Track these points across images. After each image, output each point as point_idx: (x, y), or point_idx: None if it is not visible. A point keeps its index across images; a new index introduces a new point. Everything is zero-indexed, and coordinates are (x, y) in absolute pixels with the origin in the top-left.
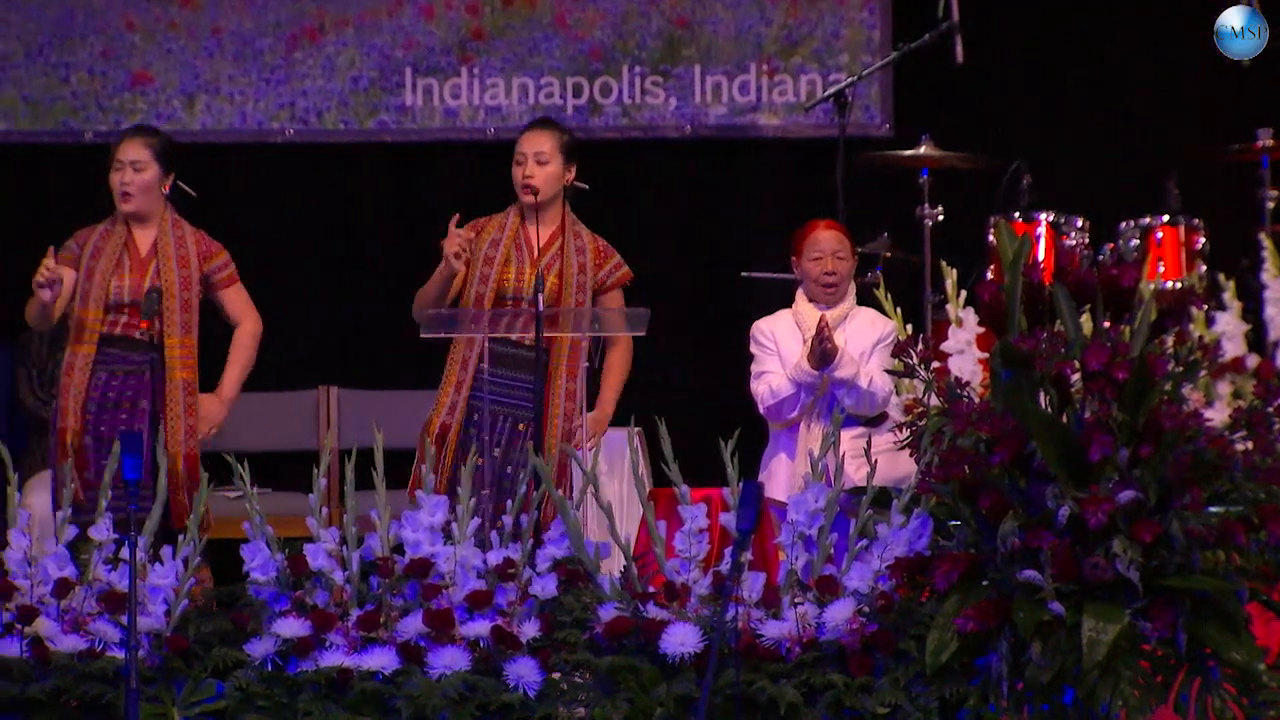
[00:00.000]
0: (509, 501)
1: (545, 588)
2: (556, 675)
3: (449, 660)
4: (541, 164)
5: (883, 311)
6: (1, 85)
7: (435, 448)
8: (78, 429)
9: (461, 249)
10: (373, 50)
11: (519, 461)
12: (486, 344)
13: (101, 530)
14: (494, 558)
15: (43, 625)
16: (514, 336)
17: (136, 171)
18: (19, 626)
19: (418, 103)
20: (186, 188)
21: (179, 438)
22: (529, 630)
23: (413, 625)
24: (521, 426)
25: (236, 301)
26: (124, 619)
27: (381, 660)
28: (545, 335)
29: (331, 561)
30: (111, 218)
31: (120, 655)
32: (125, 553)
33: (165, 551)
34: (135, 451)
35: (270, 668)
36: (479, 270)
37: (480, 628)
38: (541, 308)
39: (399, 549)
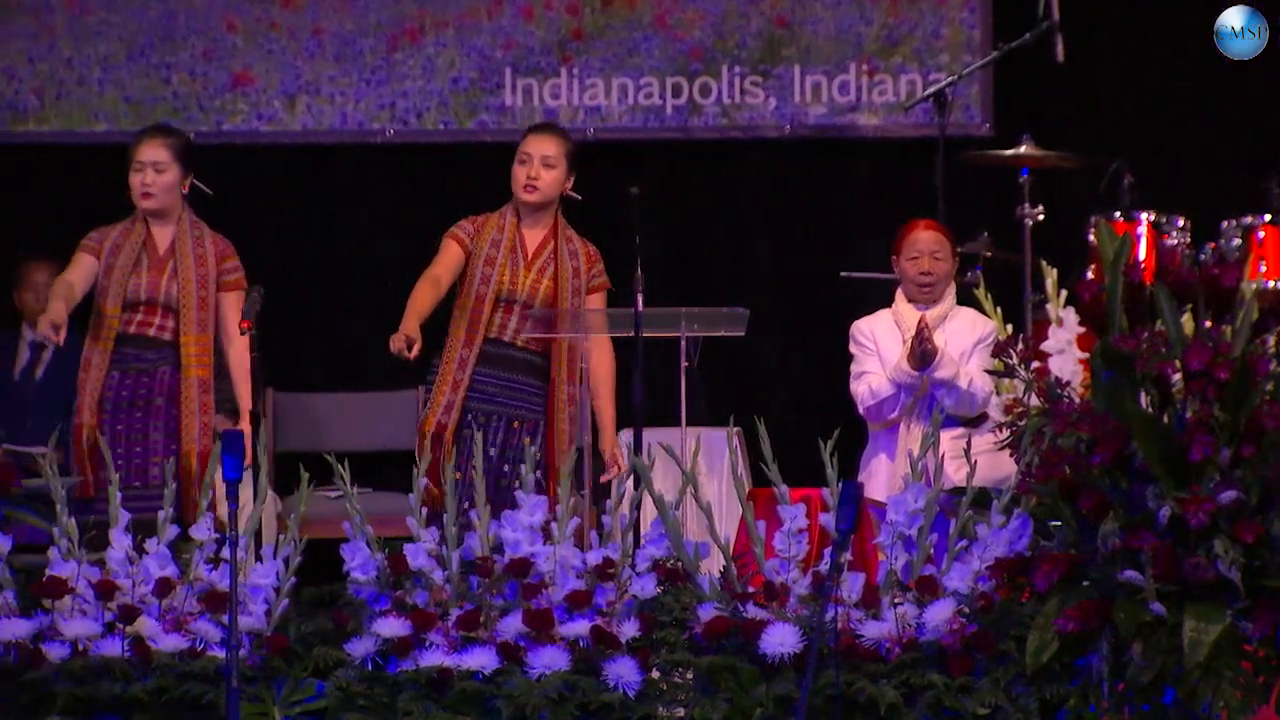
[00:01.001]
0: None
1: (645, 587)
2: (656, 675)
3: (548, 660)
4: (549, 168)
5: (983, 311)
6: (104, 86)
7: (431, 447)
8: (93, 424)
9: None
10: (473, 51)
11: (516, 459)
12: (481, 345)
13: (203, 530)
14: (593, 557)
15: (144, 625)
16: (519, 340)
17: (158, 173)
18: (121, 626)
19: (517, 103)
20: (204, 187)
21: (193, 434)
22: (628, 630)
23: (512, 625)
24: (516, 424)
25: (236, 307)
26: (225, 618)
27: (481, 660)
28: (646, 336)
29: (431, 561)
30: (131, 217)
31: (221, 654)
32: (226, 552)
33: (266, 551)
34: (236, 451)
35: (370, 667)
36: (480, 270)
37: (580, 627)
38: (640, 308)
39: (499, 549)
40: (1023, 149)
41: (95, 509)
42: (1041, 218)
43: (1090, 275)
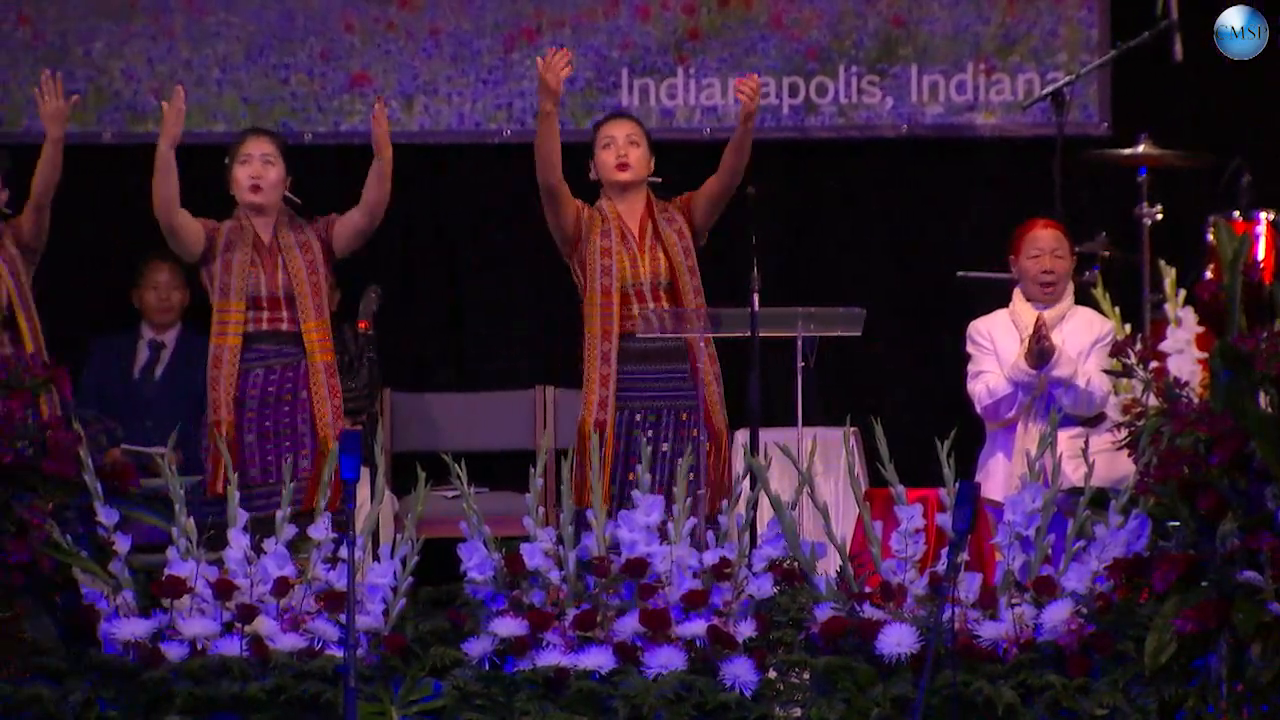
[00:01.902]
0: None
1: (761, 587)
2: (772, 675)
3: (665, 660)
4: (634, 145)
5: (1101, 311)
6: (222, 87)
7: (589, 445)
8: (231, 421)
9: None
10: (589, 51)
11: (682, 451)
12: (618, 340)
13: (320, 529)
14: (710, 557)
15: (262, 624)
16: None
17: (266, 164)
18: (239, 625)
19: (634, 103)
20: (294, 198)
21: (326, 420)
22: (745, 630)
23: (629, 625)
24: (684, 416)
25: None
26: (342, 618)
27: (598, 660)
28: (762, 335)
29: (548, 561)
30: (237, 214)
31: (339, 654)
32: (343, 552)
33: (383, 550)
34: (354, 451)
35: (487, 667)
36: (599, 263)
37: (696, 627)
38: (756, 307)
39: (615, 548)
40: (1141, 148)
41: (251, 505)
42: (1160, 217)
43: (1209, 275)
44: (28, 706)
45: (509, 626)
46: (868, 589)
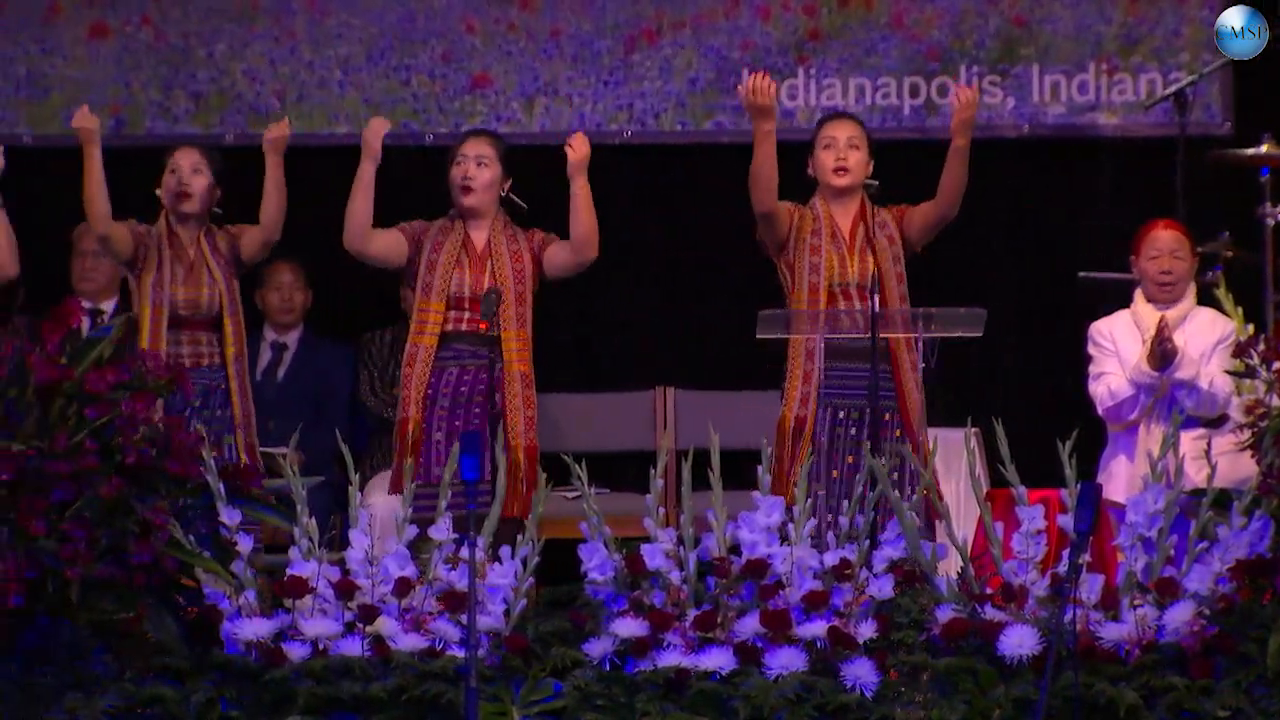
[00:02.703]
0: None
1: (882, 588)
2: (893, 676)
3: (786, 660)
4: (855, 148)
5: (1223, 312)
6: (344, 89)
7: (791, 442)
8: (419, 419)
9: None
10: (710, 51)
11: (889, 453)
12: (824, 341)
13: (441, 530)
14: (830, 558)
15: (383, 624)
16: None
17: (480, 166)
18: (360, 626)
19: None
20: (518, 200)
21: (519, 430)
22: (865, 631)
23: (749, 625)
24: (886, 416)
25: (561, 245)
26: (463, 618)
27: (718, 660)
28: (880, 336)
29: (668, 562)
30: (449, 215)
31: (460, 654)
32: (464, 552)
33: (504, 551)
34: (474, 451)
35: (608, 667)
36: (807, 260)
37: (817, 628)
38: (876, 307)
39: (735, 549)
40: (1263, 148)
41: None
42: None
43: None
44: (150, 706)
45: (630, 627)
46: (989, 590)
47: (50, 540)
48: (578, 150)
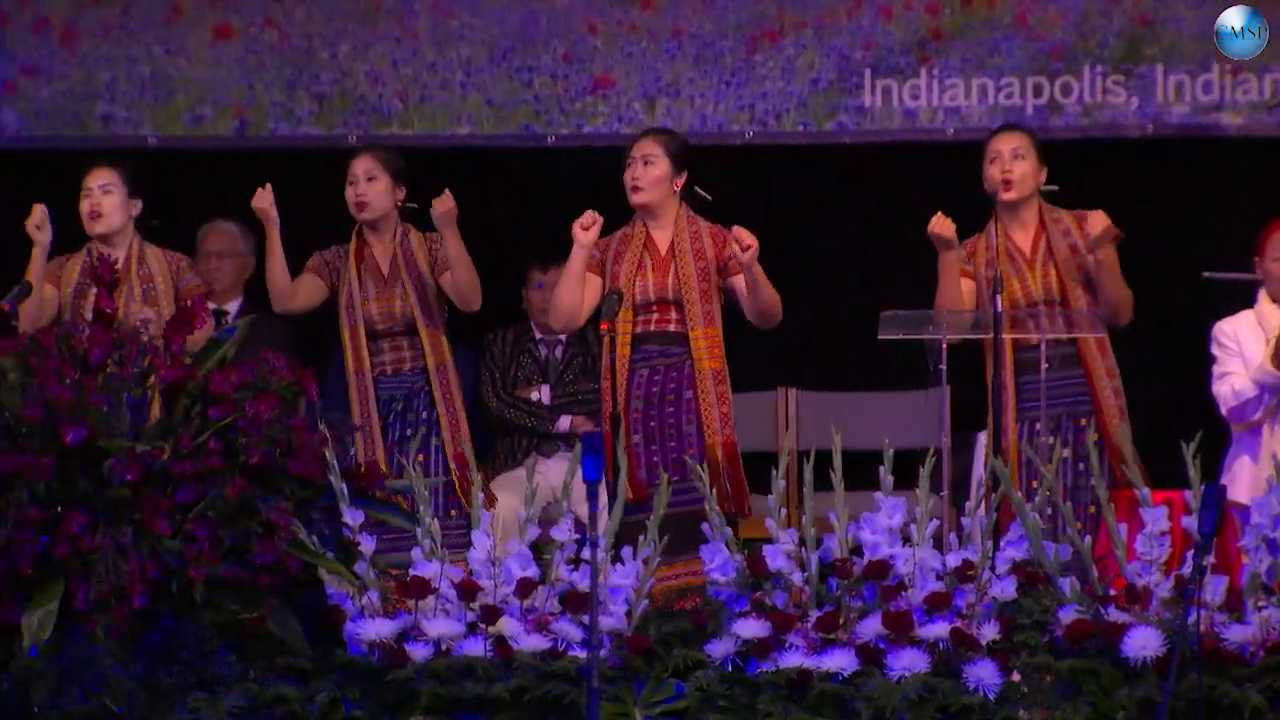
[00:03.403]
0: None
1: (1004, 590)
2: (1016, 678)
3: (908, 662)
4: (1020, 158)
5: None
6: (466, 90)
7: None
8: (626, 426)
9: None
10: (832, 51)
11: (1086, 456)
12: (1012, 353)
13: (563, 530)
14: (952, 559)
15: (506, 625)
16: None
17: (647, 165)
18: (483, 626)
19: (876, 104)
20: (703, 192)
21: (714, 426)
22: (988, 632)
23: (871, 626)
24: (1083, 422)
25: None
26: (585, 619)
27: (840, 661)
28: (1006, 336)
29: (790, 563)
30: (631, 220)
31: (582, 655)
32: (586, 553)
33: (625, 551)
34: (596, 452)
35: (730, 668)
36: (983, 273)
37: (939, 629)
38: (999, 309)
39: (857, 550)
40: None
41: (642, 506)
42: None
43: None
44: (274, 706)
45: (752, 628)
46: (1112, 591)
47: (175, 541)
48: (442, 204)
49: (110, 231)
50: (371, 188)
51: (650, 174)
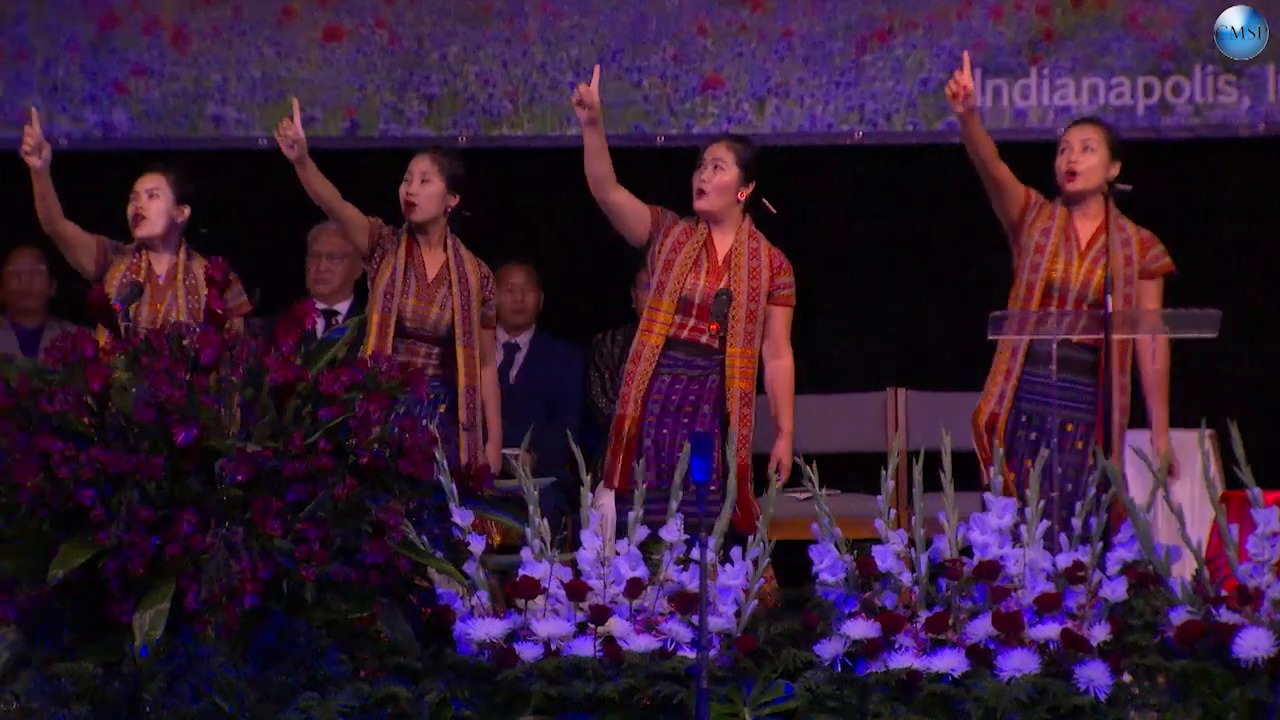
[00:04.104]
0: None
1: (1115, 591)
2: (1127, 679)
3: (1018, 663)
4: (1089, 150)
5: None
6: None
7: (986, 438)
8: (635, 417)
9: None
10: (941, 52)
11: (1068, 463)
12: (1028, 343)
13: (672, 531)
14: (1063, 560)
15: (615, 625)
16: (1073, 338)
17: (716, 170)
18: (592, 626)
19: (986, 103)
20: (769, 205)
21: (733, 448)
22: (1098, 633)
23: (981, 627)
24: (1069, 427)
25: (785, 323)
26: (694, 619)
27: (950, 662)
28: (1116, 337)
29: (899, 563)
30: (695, 218)
31: (691, 655)
32: (695, 553)
33: (734, 552)
34: (705, 453)
35: (839, 669)
36: (1029, 259)
37: (1049, 630)
38: (1110, 309)
39: (967, 551)
40: None
41: (627, 501)
42: None
43: None
44: (384, 706)
45: (861, 628)
46: (1223, 592)
47: (286, 540)
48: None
49: (151, 235)
50: (424, 190)
51: (718, 179)
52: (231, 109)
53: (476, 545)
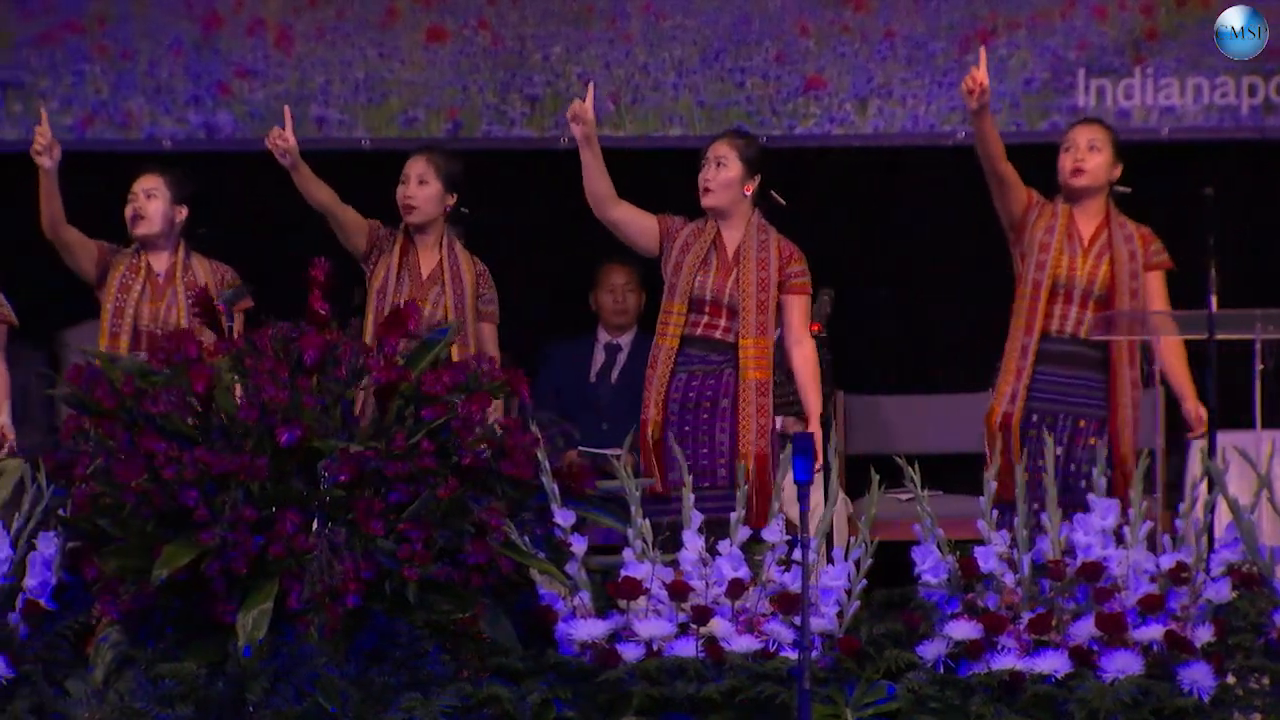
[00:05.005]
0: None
1: (1219, 592)
2: (1230, 680)
3: (1121, 664)
4: (1095, 150)
5: None
6: (678, 91)
7: (1000, 438)
8: (658, 420)
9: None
10: (1045, 52)
11: (1082, 459)
12: (1039, 338)
13: (774, 532)
14: (1166, 561)
15: (717, 626)
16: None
17: (719, 167)
18: (694, 627)
19: (1090, 104)
20: (778, 197)
21: (750, 437)
22: (1202, 635)
23: (1084, 628)
24: (1081, 424)
25: (801, 310)
26: (797, 620)
27: (1053, 663)
28: (1220, 337)
29: (1002, 564)
30: (704, 217)
31: (793, 656)
32: (797, 554)
33: (836, 553)
34: (807, 453)
35: (941, 670)
36: (1034, 258)
37: (1153, 631)
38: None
39: (1070, 552)
40: None
41: (666, 508)
42: None
43: None
44: (486, 706)
45: (963, 629)
46: None
47: (388, 541)
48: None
49: (150, 235)
50: (421, 191)
51: (722, 176)
52: (334, 110)
53: (578, 546)
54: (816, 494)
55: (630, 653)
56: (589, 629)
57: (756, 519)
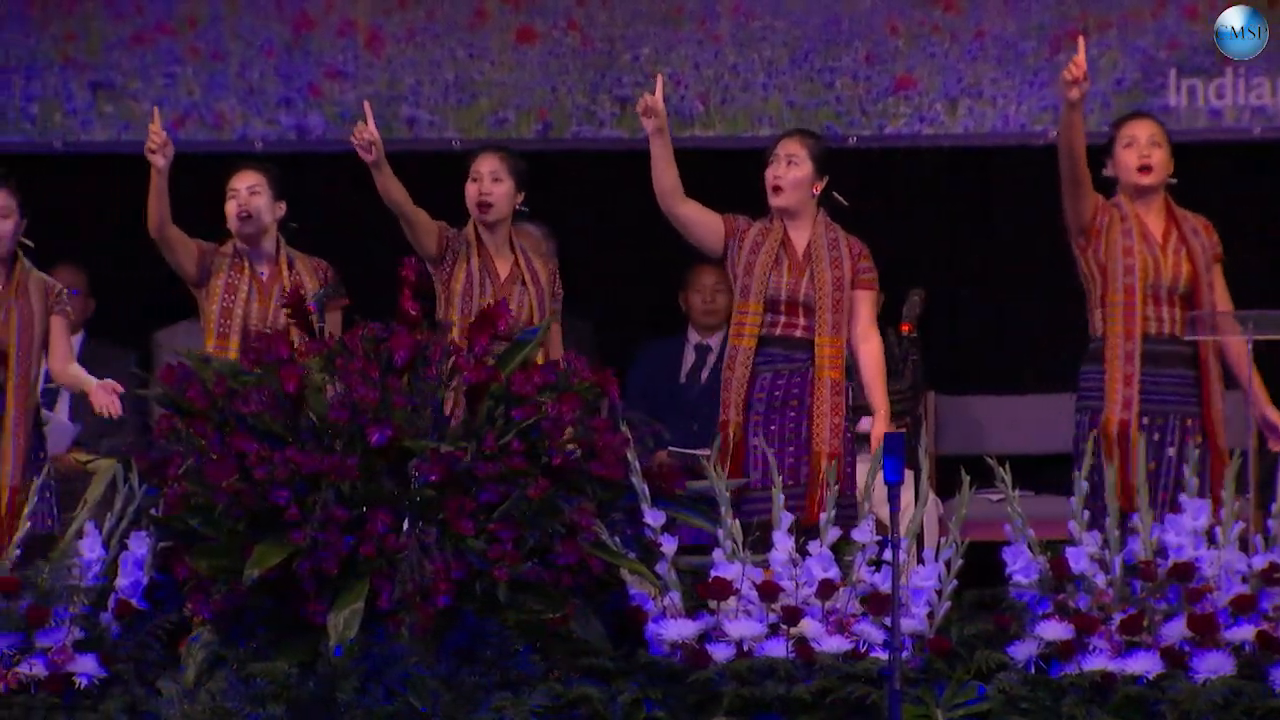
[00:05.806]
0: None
1: None
2: None
3: (1213, 665)
4: (1157, 145)
5: None
6: (768, 91)
7: (1119, 446)
8: (739, 422)
9: None
10: (1136, 51)
11: (1191, 459)
12: (1140, 340)
13: (864, 532)
14: (1258, 561)
15: (807, 626)
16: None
17: (790, 165)
18: (784, 627)
19: (1181, 103)
20: (840, 197)
21: (824, 435)
22: None
23: (1175, 629)
24: (1189, 422)
25: (868, 305)
26: (887, 620)
27: (1144, 664)
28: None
29: (1093, 565)
30: (768, 216)
31: (883, 656)
32: (887, 554)
33: (927, 553)
34: (898, 453)
35: (1032, 670)
36: (1120, 261)
37: (1244, 632)
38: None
39: (1161, 552)
40: None
41: (753, 508)
42: None
43: None
44: (577, 706)
45: (1054, 630)
46: None
47: (478, 541)
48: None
49: (257, 231)
50: (497, 188)
51: (793, 174)
52: (425, 111)
53: (668, 546)
54: (907, 494)
55: (720, 653)
56: (679, 629)
57: (808, 514)
